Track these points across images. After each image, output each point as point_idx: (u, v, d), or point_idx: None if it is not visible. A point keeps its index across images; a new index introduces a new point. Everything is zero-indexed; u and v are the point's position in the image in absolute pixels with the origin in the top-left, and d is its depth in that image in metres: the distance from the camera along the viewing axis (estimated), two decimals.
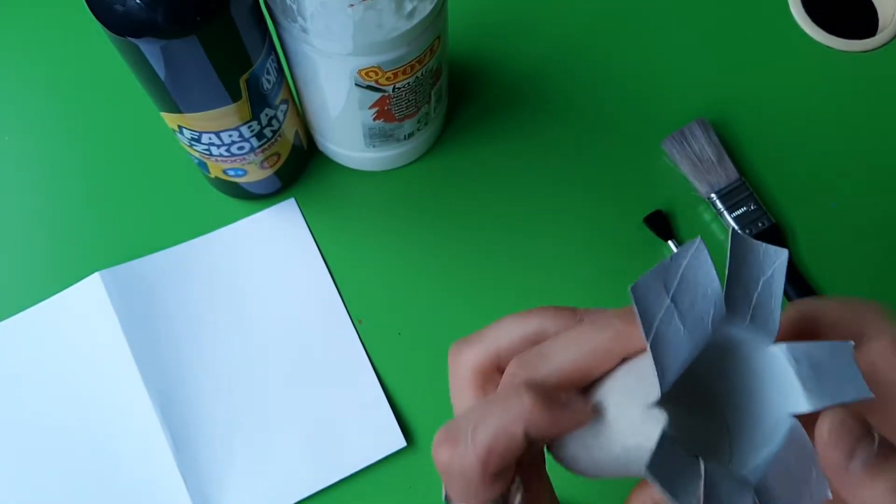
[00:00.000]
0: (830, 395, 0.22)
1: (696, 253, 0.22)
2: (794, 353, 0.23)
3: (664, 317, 0.21)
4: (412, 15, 0.38)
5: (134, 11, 0.33)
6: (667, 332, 0.21)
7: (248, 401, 0.46)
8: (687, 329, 0.21)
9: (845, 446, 0.21)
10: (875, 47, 0.55)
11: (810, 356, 0.23)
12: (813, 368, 0.22)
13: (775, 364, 0.23)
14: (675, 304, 0.21)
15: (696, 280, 0.22)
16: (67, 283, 0.48)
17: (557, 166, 0.52)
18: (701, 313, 0.22)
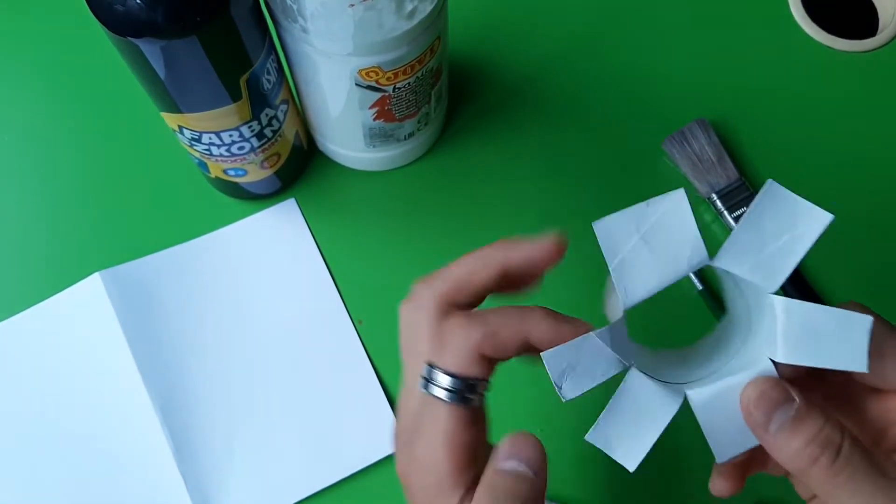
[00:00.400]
0: (809, 357, 0.24)
1: (675, 202, 0.25)
2: (789, 309, 0.24)
3: (632, 248, 0.24)
4: (412, 15, 0.38)
5: (134, 11, 0.33)
6: (634, 261, 0.24)
7: (247, 401, 0.46)
8: (656, 263, 0.24)
9: (765, 410, 0.24)
10: (875, 47, 0.55)
11: (808, 319, 0.24)
12: (805, 330, 0.24)
13: (770, 311, 0.25)
14: (646, 241, 0.24)
15: (672, 224, 0.24)
16: (67, 283, 0.48)
17: (558, 166, 0.52)
18: (675, 253, 0.24)
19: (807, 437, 0.24)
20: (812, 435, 0.24)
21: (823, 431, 0.24)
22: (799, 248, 0.25)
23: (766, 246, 0.25)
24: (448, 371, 0.27)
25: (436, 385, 0.27)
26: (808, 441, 0.24)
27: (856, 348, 0.24)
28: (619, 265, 0.24)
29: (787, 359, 0.24)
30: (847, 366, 0.24)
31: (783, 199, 0.25)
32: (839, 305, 0.25)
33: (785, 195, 0.25)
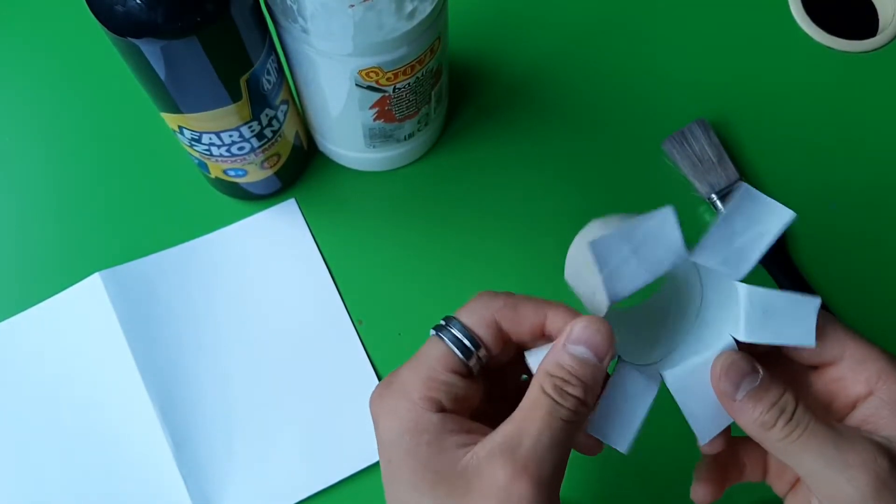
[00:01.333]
0: (767, 336, 0.28)
1: (663, 219, 0.28)
2: (751, 295, 0.28)
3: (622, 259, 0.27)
4: (412, 15, 0.38)
5: (134, 12, 0.33)
6: (623, 269, 0.27)
7: (248, 401, 0.46)
8: (643, 268, 0.27)
9: (733, 380, 0.28)
10: (875, 48, 0.55)
11: (767, 302, 0.28)
12: (764, 312, 0.28)
13: (734, 296, 0.28)
14: (635, 252, 0.27)
15: (659, 236, 0.27)
16: (67, 283, 0.48)
17: (558, 166, 0.52)
18: (660, 258, 0.27)
19: (768, 403, 0.27)
20: (772, 402, 0.27)
21: (782, 399, 0.27)
22: (763, 241, 0.28)
23: (735, 240, 0.28)
24: (459, 320, 0.30)
25: (444, 328, 0.30)
26: (768, 407, 0.27)
27: (806, 326, 0.27)
28: (609, 274, 0.27)
29: (750, 338, 0.28)
30: (799, 342, 0.28)
31: (753, 199, 0.28)
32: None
33: (755, 195, 0.28)
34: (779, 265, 0.49)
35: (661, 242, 0.27)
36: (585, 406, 0.27)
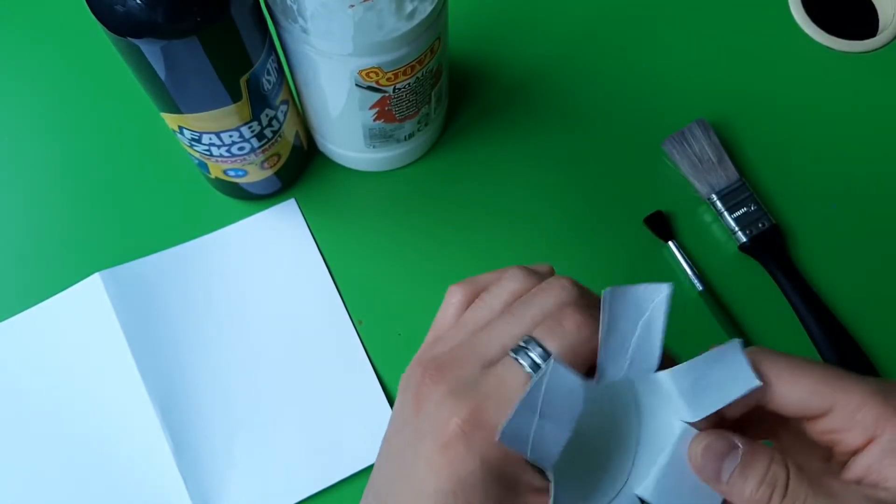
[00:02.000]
0: (712, 403, 0.26)
1: (554, 371, 0.25)
2: (674, 376, 0.26)
3: (536, 430, 0.25)
4: (412, 16, 0.38)
5: (134, 12, 0.33)
6: (542, 437, 0.25)
7: (247, 401, 0.46)
8: (558, 424, 0.25)
9: (714, 464, 0.26)
10: (875, 48, 0.55)
11: (691, 372, 0.26)
12: (694, 383, 0.26)
13: (663, 386, 0.27)
14: (544, 416, 0.25)
15: (560, 389, 0.25)
16: (67, 283, 0.48)
17: (558, 167, 0.52)
18: (569, 406, 0.25)
19: (757, 479, 0.25)
20: (761, 476, 0.25)
21: (770, 470, 0.25)
22: (657, 324, 0.26)
23: (629, 342, 0.26)
24: (547, 349, 0.27)
25: (527, 354, 0.27)
26: (759, 483, 0.25)
27: (742, 371, 0.26)
28: (532, 449, 0.25)
29: (698, 414, 0.26)
30: (744, 388, 0.26)
31: (623, 294, 0.26)
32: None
33: (623, 291, 0.26)
34: (779, 265, 0.49)
35: (559, 394, 0.25)
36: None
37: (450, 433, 0.26)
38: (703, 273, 0.49)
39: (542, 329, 0.27)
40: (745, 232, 0.49)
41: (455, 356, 0.28)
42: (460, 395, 0.26)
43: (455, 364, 0.27)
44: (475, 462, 0.26)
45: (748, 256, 0.50)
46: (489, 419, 0.26)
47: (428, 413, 0.27)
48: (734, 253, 0.50)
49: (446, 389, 0.27)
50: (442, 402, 0.26)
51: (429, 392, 0.27)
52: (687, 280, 0.49)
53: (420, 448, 0.27)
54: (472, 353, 0.28)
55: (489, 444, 0.26)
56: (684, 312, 0.49)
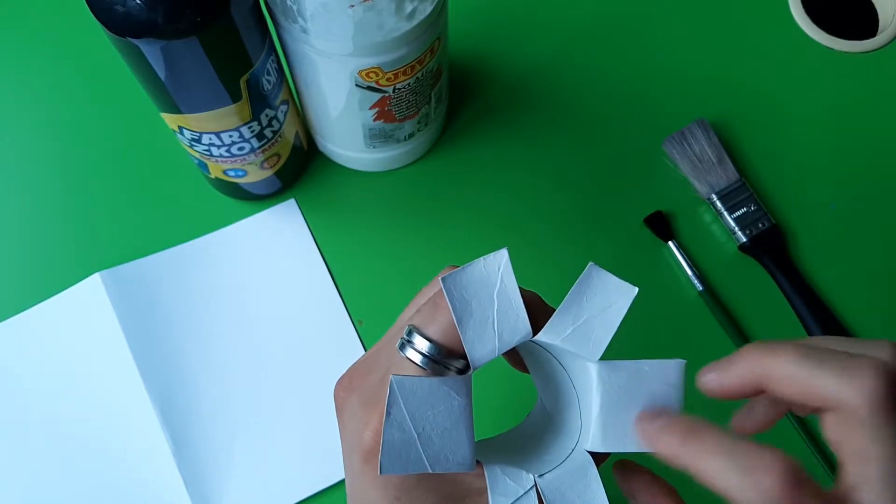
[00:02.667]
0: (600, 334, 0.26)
1: (399, 385, 0.25)
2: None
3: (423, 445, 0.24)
4: (412, 16, 0.38)
5: (134, 12, 0.33)
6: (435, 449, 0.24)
7: (248, 401, 0.46)
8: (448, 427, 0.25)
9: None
10: (875, 48, 0.55)
11: (565, 315, 0.26)
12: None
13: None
14: (422, 429, 0.24)
15: (420, 397, 0.25)
16: (67, 283, 0.48)
17: (558, 167, 0.52)
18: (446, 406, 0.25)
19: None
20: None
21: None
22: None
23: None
24: (429, 337, 0.26)
25: (413, 348, 0.26)
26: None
27: (612, 285, 0.26)
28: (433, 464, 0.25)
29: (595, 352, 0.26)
30: (626, 298, 0.26)
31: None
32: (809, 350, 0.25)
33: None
34: (779, 265, 0.49)
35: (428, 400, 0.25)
36: None
37: (365, 447, 0.26)
38: (702, 273, 0.49)
39: (420, 315, 0.26)
40: (745, 232, 0.49)
41: (365, 364, 0.28)
42: (368, 405, 0.26)
43: (364, 372, 0.27)
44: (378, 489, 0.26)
45: (748, 256, 0.50)
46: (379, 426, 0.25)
47: (346, 425, 0.27)
48: (734, 253, 0.50)
49: (357, 400, 0.27)
50: (354, 414, 0.27)
51: (342, 403, 0.27)
52: (687, 280, 0.49)
53: (351, 463, 0.27)
54: (378, 358, 0.28)
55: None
56: (684, 312, 0.49)
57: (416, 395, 0.24)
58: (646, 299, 0.49)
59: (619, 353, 0.31)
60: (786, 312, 0.48)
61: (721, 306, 0.48)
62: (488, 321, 0.26)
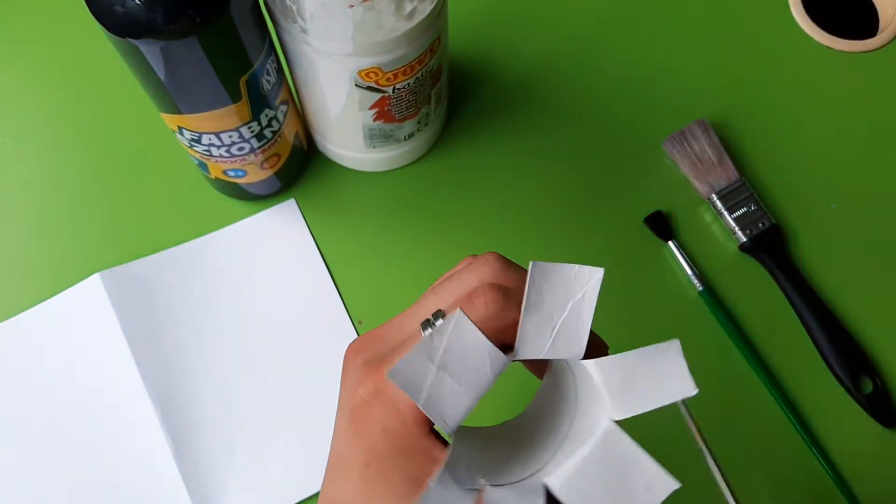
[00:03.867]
0: (640, 404, 0.24)
1: (457, 324, 0.24)
2: (601, 366, 0.24)
3: (434, 381, 0.24)
4: (412, 15, 0.38)
5: (134, 12, 0.33)
6: (440, 391, 0.24)
7: (248, 401, 0.46)
8: (462, 384, 0.24)
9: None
10: (875, 48, 0.55)
11: (621, 366, 0.24)
12: (623, 378, 0.24)
13: (589, 375, 0.25)
14: (444, 369, 0.24)
15: (463, 344, 0.24)
16: (67, 283, 0.48)
17: (558, 167, 0.52)
18: (476, 367, 0.24)
19: None
20: None
21: None
22: (586, 309, 0.25)
23: (554, 321, 0.25)
24: None
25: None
26: None
27: (677, 373, 0.24)
28: (427, 400, 0.24)
29: (623, 413, 0.24)
30: (678, 395, 0.24)
31: (551, 272, 0.25)
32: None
33: (551, 268, 0.25)
34: (779, 265, 0.49)
35: (467, 348, 0.24)
36: None
37: (355, 403, 0.26)
38: (702, 273, 0.49)
39: (455, 305, 0.26)
40: (745, 232, 0.49)
41: (381, 331, 0.28)
42: (370, 366, 0.27)
43: (378, 338, 0.28)
44: (377, 431, 0.26)
45: (748, 256, 0.50)
46: (389, 389, 0.26)
47: (345, 382, 0.27)
48: (734, 253, 0.50)
49: (361, 360, 0.27)
50: (354, 373, 0.27)
51: (348, 363, 0.28)
52: (687, 280, 0.49)
53: (339, 419, 0.27)
54: (394, 329, 0.28)
55: (389, 414, 0.26)
56: (684, 312, 0.49)
57: None
58: (646, 299, 0.49)
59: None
60: (786, 312, 0.48)
61: (721, 306, 0.48)
62: (550, 324, 0.25)
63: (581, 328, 0.25)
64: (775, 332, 0.48)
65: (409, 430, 0.26)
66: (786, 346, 0.48)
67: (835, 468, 0.45)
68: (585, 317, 0.25)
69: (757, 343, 0.48)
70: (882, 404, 0.46)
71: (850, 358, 0.47)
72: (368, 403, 0.26)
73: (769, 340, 0.48)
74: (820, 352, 0.47)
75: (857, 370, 0.46)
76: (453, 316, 0.24)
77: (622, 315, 0.48)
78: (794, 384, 0.47)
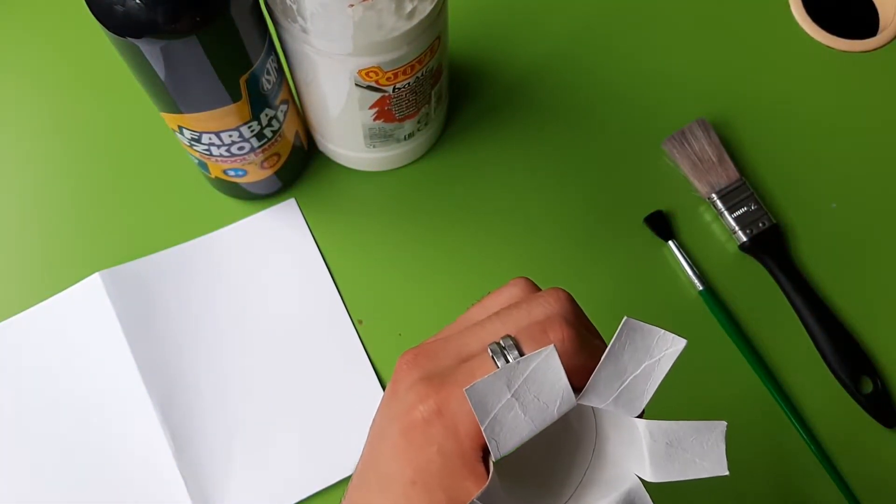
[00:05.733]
0: (676, 472, 0.25)
1: (547, 359, 0.24)
2: (651, 430, 0.25)
3: (503, 406, 0.24)
4: (412, 15, 0.38)
5: (134, 12, 0.33)
6: (505, 417, 0.24)
7: (248, 401, 0.46)
8: (528, 415, 0.24)
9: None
10: (876, 47, 0.55)
11: (671, 434, 0.25)
12: (669, 445, 0.25)
13: (635, 431, 0.26)
14: (516, 397, 0.24)
15: (544, 378, 0.24)
16: (67, 283, 0.48)
17: (558, 166, 0.52)
18: (546, 402, 0.24)
19: None
20: None
21: None
22: (658, 372, 0.25)
23: (625, 376, 0.25)
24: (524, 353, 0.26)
25: (505, 355, 0.26)
26: None
27: (714, 454, 0.25)
28: (490, 423, 0.24)
29: (657, 477, 0.25)
30: (709, 472, 0.25)
31: (639, 331, 0.25)
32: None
33: (640, 327, 0.25)
34: (779, 265, 0.49)
35: (545, 385, 0.24)
36: None
37: (412, 419, 0.26)
38: (702, 272, 0.49)
39: (525, 334, 0.27)
40: (746, 231, 0.49)
41: (437, 347, 0.28)
42: (429, 383, 0.26)
43: (433, 354, 0.28)
44: (432, 450, 0.25)
45: (748, 256, 0.50)
46: (450, 410, 0.26)
47: (399, 397, 0.27)
48: (734, 252, 0.50)
49: (418, 376, 0.27)
50: (411, 388, 0.27)
51: (403, 377, 0.27)
52: (687, 280, 0.49)
53: (388, 431, 0.27)
54: (452, 347, 0.28)
55: (447, 435, 0.25)
56: (684, 312, 0.49)
57: None
58: (646, 299, 0.49)
59: None
60: (786, 312, 0.48)
61: (721, 306, 0.48)
62: (621, 378, 0.25)
63: (648, 389, 0.25)
64: (775, 331, 0.48)
65: (465, 452, 0.25)
66: (786, 346, 0.48)
67: (835, 468, 0.45)
68: (655, 380, 0.25)
69: (757, 343, 0.48)
70: (882, 404, 0.46)
71: (850, 358, 0.47)
72: (428, 422, 0.25)
73: (769, 340, 0.48)
74: (820, 351, 0.47)
75: (857, 370, 0.46)
76: (546, 350, 0.24)
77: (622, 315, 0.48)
78: (795, 384, 0.47)
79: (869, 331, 0.48)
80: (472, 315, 0.30)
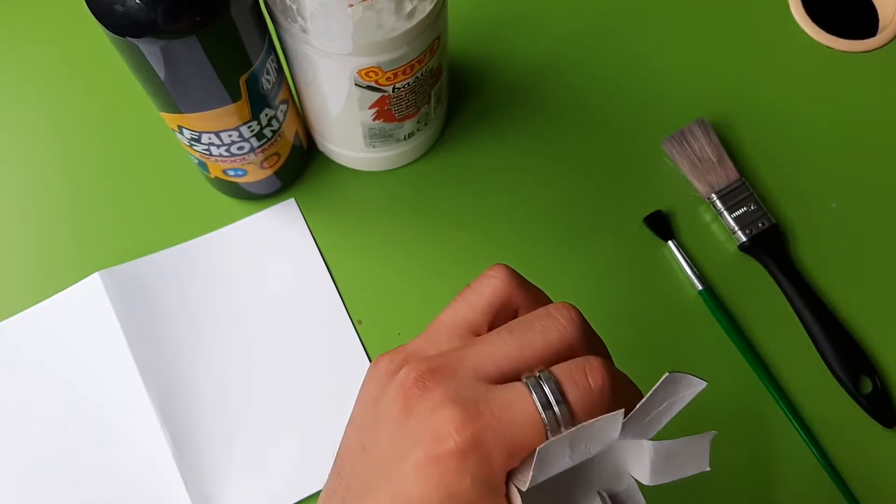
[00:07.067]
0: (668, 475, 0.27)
1: (611, 423, 0.25)
2: (656, 447, 0.26)
3: (557, 452, 0.25)
4: (412, 15, 0.38)
5: (134, 11, 0.33)
6: (554, 460, 0.25)
7: (248, 401, 0.46)
8: (572, 458, 0.25)
9: None
10: (876, 47, 0.55)
11: (669, 449, 0.26)
12: (667, 458, 0.26)
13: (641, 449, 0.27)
14: (570, 447, 0.25)
15: (601, 435, 0.25)
16: (67, 283, 0.48)
17: (557, 166, 0.52)
18: (590, 450, 0.26)
19: None
20: None
21: None
22: (676, 408, 0.26)
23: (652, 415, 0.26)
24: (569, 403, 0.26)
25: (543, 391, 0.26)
26: None
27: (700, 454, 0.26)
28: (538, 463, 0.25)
29: (654, 482, 0.27)
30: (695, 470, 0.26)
31: (674, 381, 0.26)
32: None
33: (677, 379, 0.26)
34: (779, 265, 0.49)
35: (600, 441, 0.26)
36: None
37: (446, 448, 0.25)
38: (702, 273, 0.49)
39: (566, 373, 0.26)
40: (745, 231, 0.49)
41: (448, 362, 0.27)
42: (464, 412, 0.25)
43: (448, 371, 0.27)
44: (466, 481, 0.25)
45: (748, 256, 0.50)
46: (487, 442, 0.25)
47: (422, 418, 0.26)
48: (734, 252, 0.50)
49: (443, 397, 0.26)
50: (438, 410, 0.26)
51: (421, 395, 0.26)
52: (687, 280, 0.49)
53: (410, 454, 0.26)
54: (465, 364, 0.27)
55: (482, 466, 0.25)
56: (684, 312, 0.49)
57: None
58: (646, 299, 0.49)
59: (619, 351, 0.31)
60: (786, 312, 0.48)
61: (721, 306, 0.48)
62: (650, 428, 0.26)
63: (661, 422, 0.26)
64: (775, 332, 0.48)
65: (497, 482, 0.25)
66: (786, 346, 0.48)
67: (835, 468, 0.45)
68: (671, 413, 0.26)
69: (757, 343, 0.48)
70: (882, 404, 0.46)
71: (850, 358, 0.47)
72: (464, 453, 0.25)
73: (769, 340, 0.48)
74: (820, 352, 0.47)
75: (857, 370, 0.46)
76: (614, 416, 0.25)
77: (622, 315, 0.48)
78: (794, 384, 0.47)
79: (868, 331, 0.48)
80: (459, 313, 0.29)
